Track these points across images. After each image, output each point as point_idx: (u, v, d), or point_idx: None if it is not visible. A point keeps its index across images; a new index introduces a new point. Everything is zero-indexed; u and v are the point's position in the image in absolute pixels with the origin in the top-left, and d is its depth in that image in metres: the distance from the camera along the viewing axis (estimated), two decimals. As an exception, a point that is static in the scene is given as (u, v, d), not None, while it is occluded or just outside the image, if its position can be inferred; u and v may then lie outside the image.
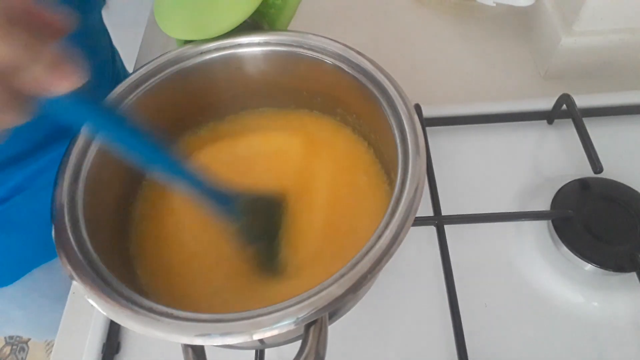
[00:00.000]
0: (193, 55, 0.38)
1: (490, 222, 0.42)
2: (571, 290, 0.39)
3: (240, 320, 0.25)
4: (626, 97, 0.49)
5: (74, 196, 0.31)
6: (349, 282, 0.25)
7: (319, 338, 0.25)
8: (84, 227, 0.30)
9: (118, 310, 0.26)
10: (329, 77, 0.38)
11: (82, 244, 0.29)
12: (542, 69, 0.55)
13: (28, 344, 1.35)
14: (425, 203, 0.43)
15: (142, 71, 0.37)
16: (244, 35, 0.38)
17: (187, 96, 0.40)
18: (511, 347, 0.38)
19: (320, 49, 0.37)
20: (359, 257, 0.26)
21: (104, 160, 0.34)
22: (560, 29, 0.51)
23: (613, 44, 0.51)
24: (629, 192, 0.41)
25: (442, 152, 0.48)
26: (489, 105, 0.49)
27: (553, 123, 0.49)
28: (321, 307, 0.25)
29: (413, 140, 0.31)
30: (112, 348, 0.39)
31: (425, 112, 0.48)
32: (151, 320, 0.25)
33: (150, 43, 0.63)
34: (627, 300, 0.39)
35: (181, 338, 0.25)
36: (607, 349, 0.37)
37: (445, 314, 0.38)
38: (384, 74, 0.35)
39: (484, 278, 0.41)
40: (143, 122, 0.37)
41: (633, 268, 0.38)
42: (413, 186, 0.29)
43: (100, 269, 0.28)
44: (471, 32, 0.60)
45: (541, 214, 0.42)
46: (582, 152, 0.44)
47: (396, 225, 0.27)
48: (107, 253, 0.31)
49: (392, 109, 0.33)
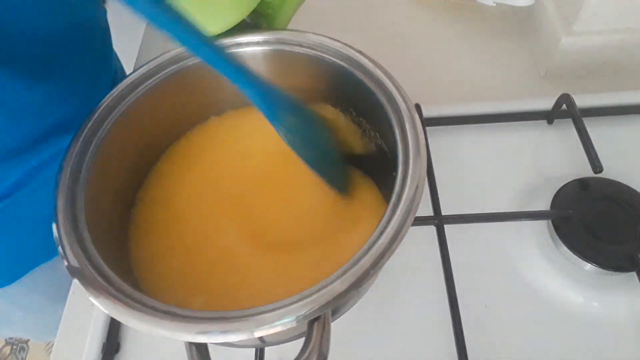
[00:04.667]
0: (192, 55, 0.38)
1: (490, 222, 0.42)
2: (571, 290, 0.39)
3: (242, 318, 0.25)
4: (626, 97, 0.49)
5: (74, 195, 0.31)
6: (351, 278, 0.25)
7: (322, 335, 0.25)
8: (84, 225, 0.30)
9: (120, 308, 0.26)
10: (329, 76, 0.38)
11: (83, 243, 0.29)
12: (542, 69, 0.55)
13: (28, 344, 1.35)
14: (425, 203, 0.43)
15: (142, 71, 0.37)
16: (243, 34, 0.38)
17: (186, 95, 0.40)
18: (511, 347, 0.38)
19: (320, 47, 0.37)
20: (361, 253, 0.26)
21: (105, 160, 0.34)
22: (560, 29, 0.51)
23: (613, 44, 0.51)
24: (629, 192, 0.42)
25: (442, 152, 0.48)
26: (489, 105, 0.49)
27: (553, 123, 0.49)
28: (323, 304, 0.25)
29: (413, 139, 0.31)
30: (112, 348, 0.39)
31: (425, 112, 0.48)
32: (153, 318, 0.25)
33: (150, 43, 0.63)
34: (627, 300, 0.39)
35: (183, 336, 0.25)
36: (607, 349, 0.37)
37: (445, 313, 0.38)
38: (384, 72, 0.35)
39: (484, 278, 0.41)
40: (143, 122, 0.38)
41: (633, 268, 0.38)
42: (414, 184, 0.29)
43: (102, 267, 0.28)
44: (471, 32, 0.60)
45: (541, 213, 0.42)
46: (582, 152, 0.44)
47: (397, 222, 0.27)
48: (109, 251, 0.31)
49: (393, 107, 0.33)
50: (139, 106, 0.37)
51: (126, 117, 0.36)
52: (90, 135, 0.34)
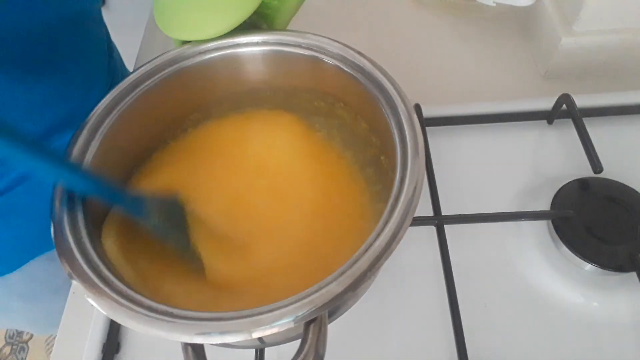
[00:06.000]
0: (192, 55, 0.38)
1: (490, 222, 0.42)
2: (571, 290, 0.39)
3: (239, 319, 0.25)
4: (626, 97, 0.49)
5: (73, 195, 0.31)
6: (348, 280, 0.25)
7: (318, 336, 0.25)
8: (83, 225, 0.30)
9: (118, 309, 0.26)
10: (328, 77, 0.38)
11: (81, 243, 0.29)
12: (542, 69, 0.55)
13: (28, 344, 1.35)
14: (425, 203, 0.43)
15: (142, 71, 0.37)
16: (243, 35, 0.38)
17: (186, 96, 0.40)
18: (511, 347, 0.38)
19: (319, 48, 0.37)
20: (358, 255, 0.26)
21: (103, 159, 0.34)
22: (560, 29, 0.51)
23: (613, 44, 0.51)
24: (629, 192, 0.41)
25: (442, 152, 0.47)
26: (489, 105, 0.49)
27: (553, 123, 0.49)
28: (320, 305, 0.25)
29: (412, 139, 0.31)
30: (112, 348, 0.39)
31: (425, 112, 0.48)
32: (151, 319, 0.25)
33: (150, 43, 0.63)
34: (627, 300, 0.39)
35: (181, 337, 0.25)
36: (607, 349, 0.37)
37: (445, 313, 0.38)
38: (383, 73, 0.35)
39: (484, 278, 0.41)
40: (142, 122, 0.38)
41: (633, 268, 0.38)
42: (412, 185, 0.29)
43: (99, 268, 0.28)
44: (471, 32, 0.60)
45: (541, 214, 0.42)
46: (582, 152, 0.44)
47: (395, 224, 0.27)
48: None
49: (392, 108, 0.33)
50: (139, 106, 0.37)
51: (126, 117, 0.36)
52: (90, 134, 0.34)
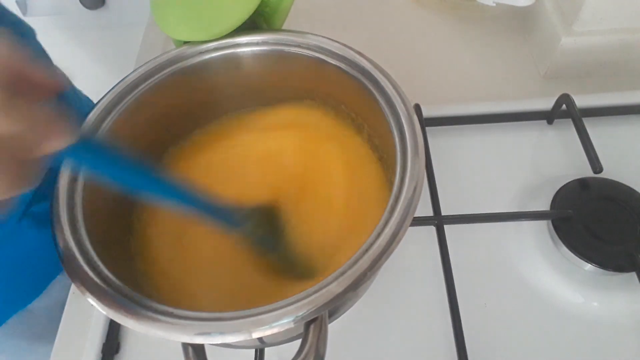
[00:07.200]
0: (192, 55, 0.38)
1: (490, 222, 0.42)
2: (571, 290, 0.39)
3: (239, 319, 0.25)
4: (626, 97, 0.49)
5: (73, 195, 0.31)
6: (348, 280, 0.25)
7: (319, 336, 0.25)
8: (82, 225, 0.30)
9: (118, 309, 0.26)
10: (328, 77, 0.38)
11: (81, 243, 0.29)
12: (542, 69, 0.55)
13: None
14: (425, 203, 0.43)
15: (141, 71, 0.37)
16: (243, 35, 0.38)
17: (186, 96, 0.40)
18: (511, 347, 0.38)
19: (319, 48, 0.37)
20: (358, 255, 0.26)
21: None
22: (560, 29, 0.51)
23: (613, 44, 0.51)
24: (629, 192, 0.41)
25: (442, 152, 0.47)
26: (489, 105, 0.49)
27: (553, 123, 0.49)
28: (320, 305, 0.25)
29: (412, 140, 0.31)
30: (112, 348, 0.39)
31: (425, 112, 0.48)
32: (151, 319, 0.25)
33: (150, 43, 0.63)
34: (627, 300, 0.39)
35: (181, 337, 0.25)
36: (607, 349, 0.37)
37: (445, 313, 0.38)
38: (382, 73, 0.35)
39: (484, 278, 0.41)
40: (142, 122, 0.38)
41: (633, 268, 0.38)
42: (412, 185, 0.29)
43: (99, 268, 0.28)
44: (471, 32, 0.60)
45: (541, 214, 0.42)
46: (582, 152, 0.44)
47: (395, 224, 0.27)
48: (106, 251, 0.31)
49: (391, 108, 0.33)
50: (139, 106, 0.37)
51: (125, 117, 0.36)
52: (90, 134, 0.34)
